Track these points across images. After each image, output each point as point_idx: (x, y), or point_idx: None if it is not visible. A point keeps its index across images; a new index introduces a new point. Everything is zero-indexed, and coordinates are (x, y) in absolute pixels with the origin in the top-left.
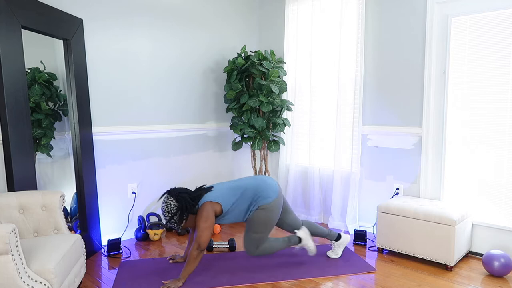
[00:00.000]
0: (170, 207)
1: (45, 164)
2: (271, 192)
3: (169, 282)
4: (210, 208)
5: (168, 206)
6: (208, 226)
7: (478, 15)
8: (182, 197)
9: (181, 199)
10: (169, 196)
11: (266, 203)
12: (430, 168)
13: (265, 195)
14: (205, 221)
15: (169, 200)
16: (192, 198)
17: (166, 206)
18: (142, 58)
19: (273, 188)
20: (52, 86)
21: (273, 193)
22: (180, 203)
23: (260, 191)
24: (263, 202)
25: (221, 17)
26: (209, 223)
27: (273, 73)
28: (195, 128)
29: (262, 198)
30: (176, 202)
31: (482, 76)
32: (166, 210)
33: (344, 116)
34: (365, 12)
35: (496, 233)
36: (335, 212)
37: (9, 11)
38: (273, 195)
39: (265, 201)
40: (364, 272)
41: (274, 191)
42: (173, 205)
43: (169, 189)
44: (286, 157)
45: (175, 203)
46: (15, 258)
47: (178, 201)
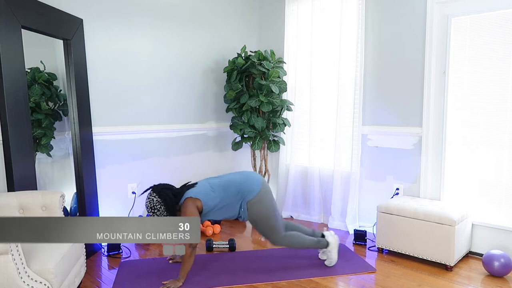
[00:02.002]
0: (153, 203)
1: (45, 164)
2: (254, 185)
3: (169, 282)
4: (191, 204)
5: (151, 202)
6: None
7: (478, 15)
8: (165, 193)
9: (164, 195)
10: (152, 192)
11: (252, 196)
12: (430, 168)
13: (249, 188)
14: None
15: (151, 196)
16: (175, 194)
17: (149, 202)
18: (142, 58)
19: (255, 181)
20: (52, 86)
21: (256, 185)
22: (162, 198)
23: (244, 186)
24: (249, 197)
25: (221, 17)
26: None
27: (273, 73)
28: (195, 128)
29: (247, 191)
30: (159, 198)
31: (482, 76)
32: (149, 206)
33: (344, 116)
34: (365, 12)
35: (496, 233)
36: (335, 212)
37: (9, 11)
38: (256, 188)
39: (251, 194)
40: (364, 272)
41: (257, 183)
42: (156, 201)
43: (153, 185)
44: (286, 157)
45: (157, 198)
46: (15, 258)
47: (161, 197)
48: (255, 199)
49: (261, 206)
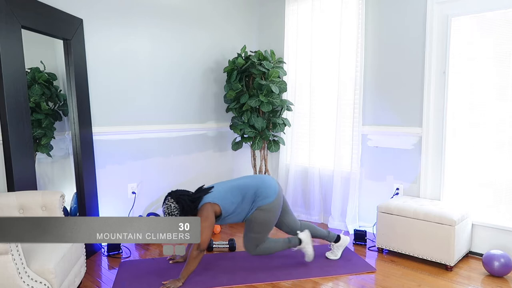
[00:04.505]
0: (171, 208)
1: (45, 164)
2: (270, 192)
3: (169, 282)
4: (210, 208)
5: (169, 208)
6: (207, 226)
7: (478, 15)
8: (183, 199)
9: (181, 201)
10: (169, 198)
11: (266, 203)
12: (430, 168)
13: (264, 195)
14: (204, 220)
15: (169, 202)
16: (192, 200)
17: (167, 208)
18: (142, 58)
19: (272, 188)
20: (52, 86)
21: (273, 193)
22: (180, 204)
23: (260, 192)
24: (262, 203)
25: (221, 17)
26: (209, 223)
27: (273, 73)
28: (195, 128)
29: (262, 198)
30: (177, 204)
31: (482, 76)
32: (167, 212)
33: (344, 116)
34: (365, 12)
35: (496, 233)
36: (335, 212)
37: (9, 11)
38: (272, 195)
39: (265, 201)
40: (364, 272)
41: (274, 191)
42: (174, 207)
43: (170, 191)
44: (286, 157)
45: (175, 204)
46: (15, 258)
47: (178, 203)
48: (267, 206)
49: (269, 213)
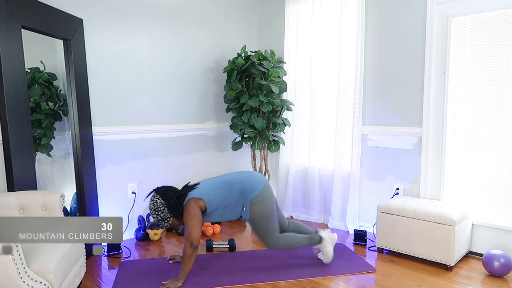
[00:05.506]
0: (157, 205)
1: (45, 164)
2: (257, 184)
3: (169, 282)
4: (194, 204)
5: (155, 204)
6: (195, 223)
7: (478, 15)
8: (168, 195)
9: (167, 197)
10: (155, 194)
11: (254, 195)
12: (430, 168)
13: (252, 188)
14: (191, 218)
15: (155, 198)
16: (178, 196)
17: (153, 204)
18: (142, 58)
19: (258, 180)
20: (52, 86)
21: (259, 184)
22: (166, 200)
23: (247, 184)
24: (251, 195)
25: (221, 17)
26: (196, 220)
27: (273, 73)
28: (195, 128)
29: (250, 190)
30: (163, 200)
31: (482, 76)
32: (153, 208)
33: (344, 116)
34: (365, 12)
35: (496, 233)
36: (335, 212)
37: (9, 11)
38: (259, 186)
39: (253, 193)
40: (364, 272)
41: (260, 182)
42: (160, 203)
43: (156, 188)
44: (286, 157)
45: (161, 200)
46: (15, 258)
47: (164, 199)
48: (258, 198)
49: (263, 205)
